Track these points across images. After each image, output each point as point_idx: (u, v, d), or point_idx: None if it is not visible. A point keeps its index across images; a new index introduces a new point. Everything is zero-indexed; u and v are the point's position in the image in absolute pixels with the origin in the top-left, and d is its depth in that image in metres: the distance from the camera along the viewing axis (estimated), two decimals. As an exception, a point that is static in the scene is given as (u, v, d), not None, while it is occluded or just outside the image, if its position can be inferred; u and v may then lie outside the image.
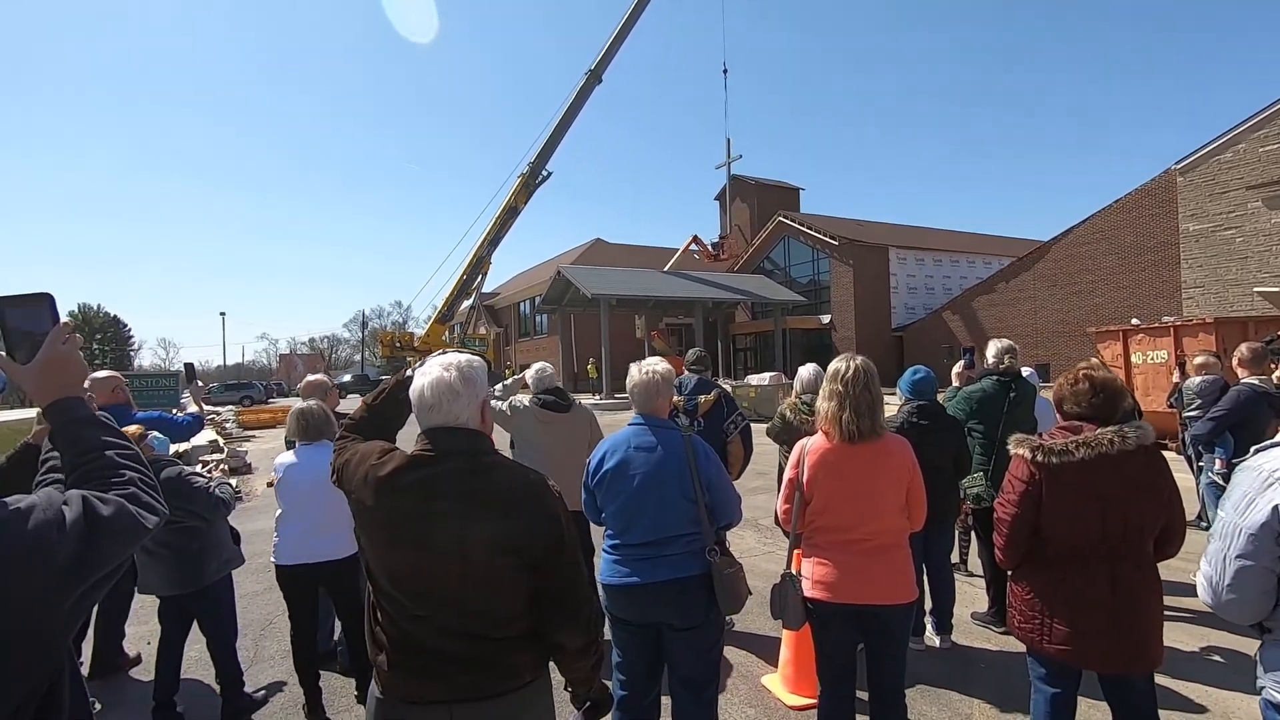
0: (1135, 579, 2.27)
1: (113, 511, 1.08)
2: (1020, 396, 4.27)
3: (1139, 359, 11.54)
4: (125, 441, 1.27)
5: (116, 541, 1.07)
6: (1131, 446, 2.23)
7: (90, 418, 1.26)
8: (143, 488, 1.19)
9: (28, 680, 0.98)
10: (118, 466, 1.20)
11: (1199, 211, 17.54)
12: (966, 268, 32.18)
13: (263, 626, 4.70)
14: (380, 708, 1.66)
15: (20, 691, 0.97)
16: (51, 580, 0.97)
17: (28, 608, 0.96)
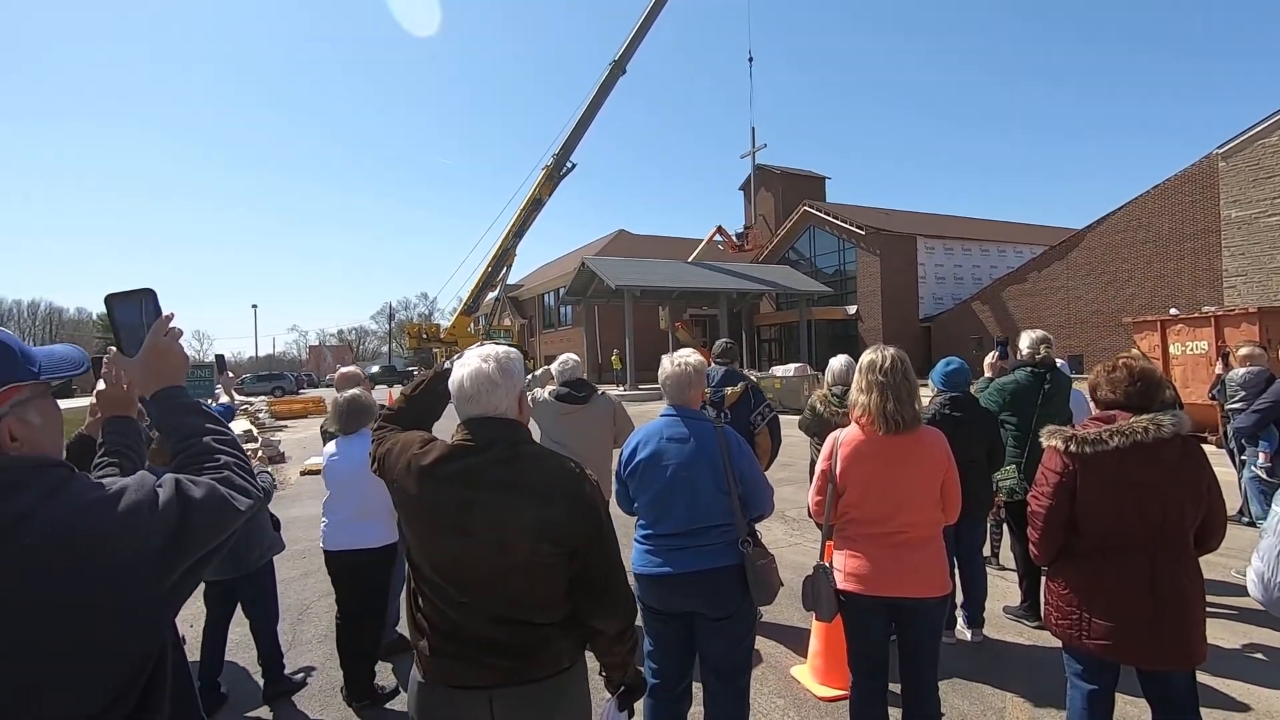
0: (1176, 571, 2.23)
1: (204, 494, 1.09)
2: (1055, 388, 4.20)
3: (1178, 350, 11.25)
4: (223, 428, 1.30)
5: (209, 523, 1.08)
6: (1167, 434, 2.20)
7: (191, 405, 1.31)
8: (237, 471, 1.21)
9: (127, 662, 0.98)
10: (214, 451, 1.23)
11: (1241, 197, 16.98)
12: (997, 257, 31.57)
13: (300, 611, 4.82)
14: (422, 692, 1.71)
15: (121, 673, 0.98)
16: (146, 561, 0.98)
17: (124, 589, 0.96)
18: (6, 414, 1.00)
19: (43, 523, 0.93)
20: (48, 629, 0.90)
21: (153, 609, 1.01)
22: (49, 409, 1.09)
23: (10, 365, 1.02)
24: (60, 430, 1.15)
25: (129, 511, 0.99)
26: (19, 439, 1.01)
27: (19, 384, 1.02)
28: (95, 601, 0.93)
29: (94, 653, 0.93)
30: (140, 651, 0.99)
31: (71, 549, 0.93)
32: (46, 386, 1.10)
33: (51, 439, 1.10)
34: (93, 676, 0.94)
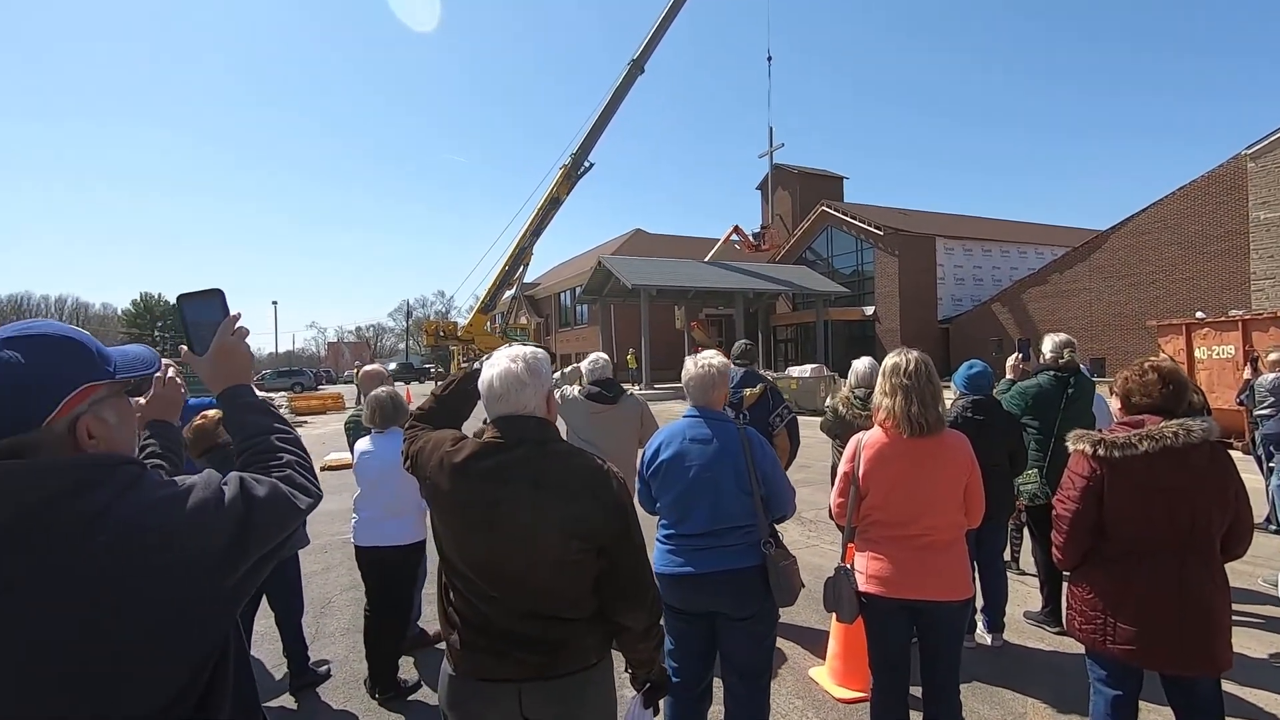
0: (1203, 577, 2.22)
1: (267, 492, 1.11)
2: (1078, 393, 4.17)
3: (1203, 354, 11.08)
4: (286, 426, 1.33)
5: (271, 521, 1.10)
6: (1196, 440, 2.19)
7: (256, 404, 1.33)
8: (299, 470, 1.24)
9: (191, 656, 1.00)
10: (277, 450, 1.26)
11: (1271, 199, 16.65)
12: (1017, 258, 31.20)
13: (322, 605, 4.90)
14: (453, 684, 1.74)
15: (185, 668, 0.99)
16: (212, 558, 1.00)
17: (190, 585, 0.98)
18: (85, 412, 1.02)
19: (116, 520, 0.95)
20: (119, 624, 0.92)
21: (217, 605, 1.02)
22: (123, 408, 1.12)
23: (88, 364, 1.04)
24: (133, 428, 1.17)
25: (196, 509, 1.01)
26: (96, 437, 1.03)
27: (96, 383, 1.04)
28: (163, 598, 0.96)
29: (161, 648, 0.95)
30: (205, 647, 1.01)
31: (142, 546, 0.95)
32: (121, 386, 1.12)
33: (125, 437, 1.12)
34: (159, 671, 0.96)
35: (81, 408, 1.01)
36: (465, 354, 29.56)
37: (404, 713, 3.43)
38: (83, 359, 1.03)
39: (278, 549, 1.13)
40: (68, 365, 1.01)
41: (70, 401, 1.00)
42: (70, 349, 1.03)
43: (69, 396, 0.99)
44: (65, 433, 0.99)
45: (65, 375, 1.00)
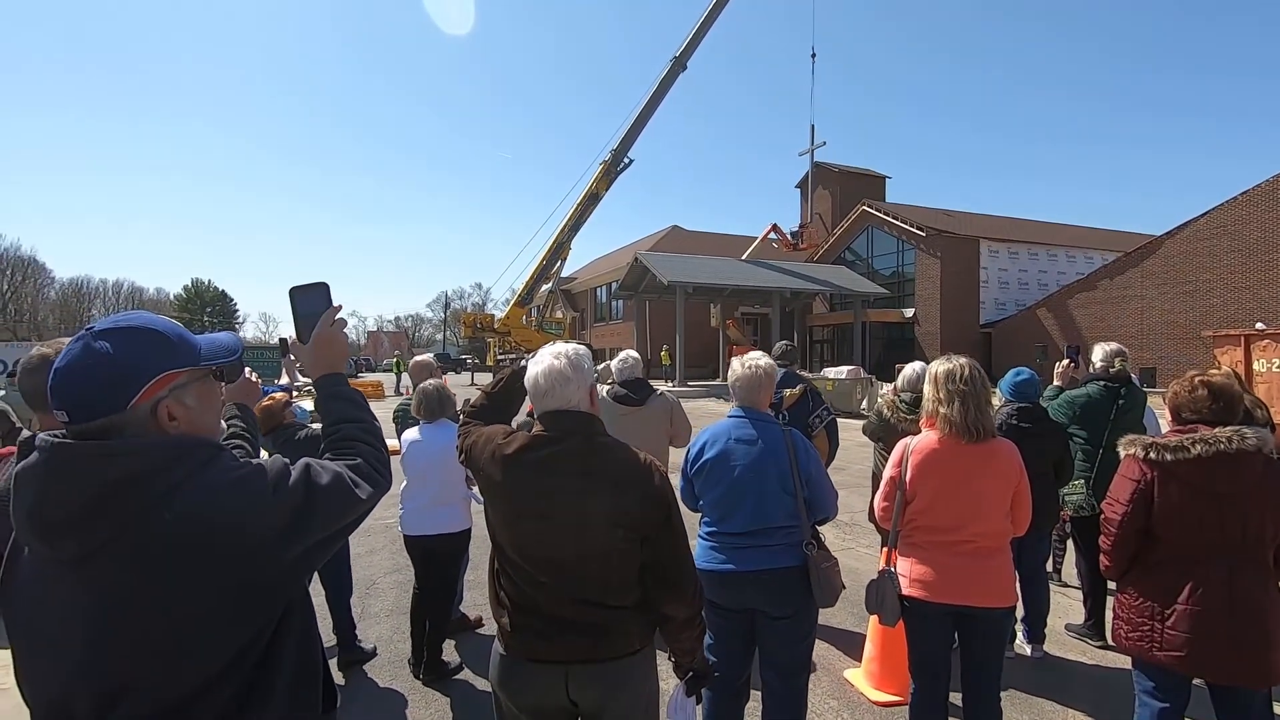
0: (1255, 586, 2.21)
1: (329, 480, 1.18)
2: (1129, 404, 4.08)
3: (1262, 366, 10.65)
4: (368, 417, 1.40)
5: (331, 506, 1.17)
6: (1251, 448, 2.19)
7: (345, 393, 1.42)
8: (370, 460, 1.31)
9: (248, 626, 1.09)
10: (353, 439, 1.34)
11: (1341, 206, 15.92)
12: (1065, 262, 30.35)
13: (367, 586, 5.07)
14: (503, 663, 1.84)
15: (241, 636, 1.08)
16: (268, 536, 1.08)
17: (248, 561, 1.07)
18: (166, 396, 1.12)
19: (185, 498, 1.05)
20: (184, 593, 1.03)
21: (275, 580, 1.12)
22: (206, 392, 1.21)
23: (169, 354, 1.13)
24: (217, 411, 1.27)
25: (259, 492, 1.11)
26: (177, 419, 1.13)
27: (177, 370, 1.14)
28: (224, 571, 1.05)
29: (221, 616, 1.05)
30: (262, 617, 1.12)
31: (208, 523, 1.05)
32: (205, 372, 1.21)
33: (207, 419, 1.22)
34: (219, 636, 1.06)
35: (163, 393, 1.11)
36: (502, 346, 29.95)
37: (447, 692, 3.55)
38: (163, 349, 1.13)
39: (341, 532, 1.22)
40: (150, 354, 1.11)
41: (152, 387, 1.10)
42: (154, 339, 1.13)
43: (150, 383, 1.09)
44: (148, 415, 1.10)
45: (148, 364, 1.10)
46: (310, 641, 1.24)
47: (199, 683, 1.05)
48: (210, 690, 1.05)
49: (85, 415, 1.06)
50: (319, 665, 1.27)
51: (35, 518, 1.02)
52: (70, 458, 1.02)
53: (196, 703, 1.05)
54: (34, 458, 1.04)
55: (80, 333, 1.12)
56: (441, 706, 3.43)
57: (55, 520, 1.02)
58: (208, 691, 1.05)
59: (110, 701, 1.02)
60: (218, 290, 78.84)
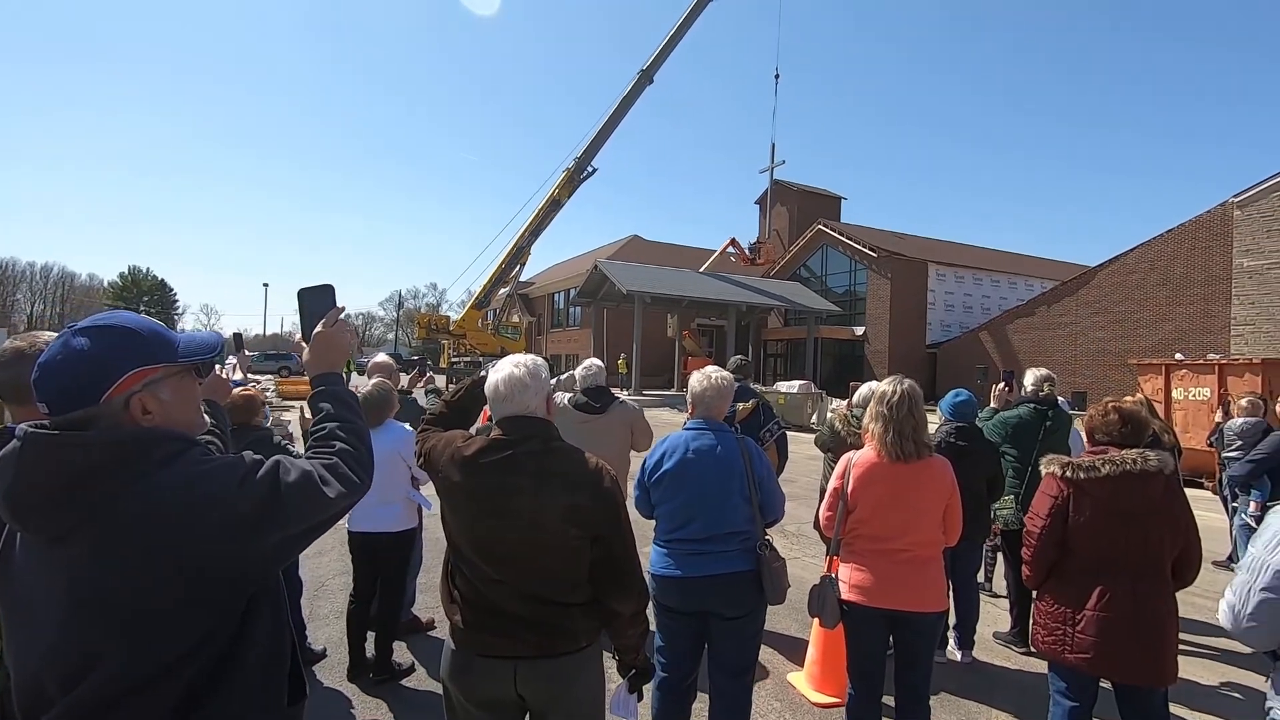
0: (1154, 596, 2.44)
1: (297, 477, 1.20)
2: (1056, 425, 4.37)
3: (1180, 395, 11.40)
4: (354, 417, 1.41)
5: (297, 503, 1.19)
6: (1153, 469, 2.42)
7: (334, 393, 1.44)
8: (346, 460, 1.31)
9: (210, 614, 1.13)
10: (333, 438, 1.35)
11: (1255, 247, 17.11)
12: (1007, 288, 31.72)
13: (315, 588, 5.01)
14: (454, 658, 1.92)
15: (203, 623, 1.12)
16: (231, 529, 1.11)
17: (208, 550, 1.10)
18: (139, 391, 1.17)
19: (150, 489, 1.10)
20: (147, 579, 1.08)
21: (239, 571, 1.16)
22: (182, 387, 1.26)
23: (142, 351, 1.19)
24: (194, 406, 1.31)
25: (226, 485, 1.15)
26: (151, 412, 1.18)
27: (151, 367, 1.19)
28: (186, 561, 1.10)
29: (184, 603, 1.11)
30: (226, 606, 1.16)
31: (170, 514, 1.10)
32: (182, 369, 1.25)
33: (183, 414, 1.26)
34: (183, 621, 1.11)
35: (136, 387, 1.17)
36: (457, 348, 29.60)
37: (395, 695, 3.55)
38: (137, 346, 1.18)
39: (312, 529, 1.23)
40: (124, 351, 1.17)
41: (125, 382, 1.16)
42: (128, 337, 1.19)
43: (123, 378, 1.15)
44: (121, 408, 1.15)
45: (121, 360, 1.16)
46: (280, 632, 1.28)
47: (161, 664, 1.09)
48: (173, 672, 1.10)
49: (63, 407, 1.12)
50: (287, 656, 1.30)
51: (9, 501, 1.08)
52: (44, 446, 1.08)
53: (159, 683, 1.10)
54: (12, 445, 1.10)
55: (63, 330, 1.19)
56: (390, 707, 3.44)
57: (28, 504, 1.08)
58: (170, 673, 1.10)
59: (75, 677, 1.08)
60: (156, 279, 75.58)
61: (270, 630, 1.24)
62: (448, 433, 2.04)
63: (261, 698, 1.22)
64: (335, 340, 1.50)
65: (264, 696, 1.23)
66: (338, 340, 1.50)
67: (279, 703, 1.27)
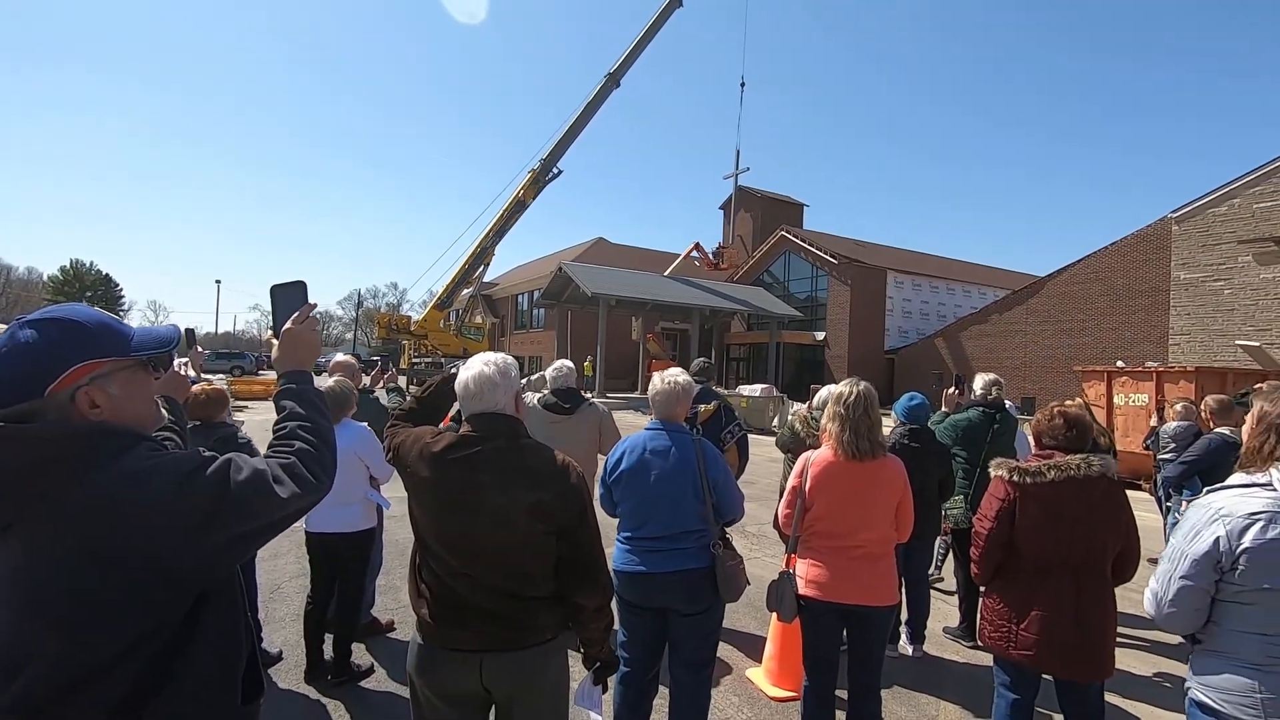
0: (1095, 594, 2.56)
1: (247, 476, 1.17)
2: (1003, 428, 4.56)
3: (1121, 400, 11.91)
4: (317, 417, 1.37)
5: (244, 504, 1.16)
6: (1095, 473, 2.54)
7: (300, 391, 1.41)
8: (305, 460, 1.27)
9: (151, 613, 1.12)
10: (292, 437, 1.32)
11: (1191, 261, 18.01)
12: (962, 296, 32.66)
13: (271, 590, 4.91)
14: (420, 652, 1.94)
15: (143, 623, 1.11)
16: (174, 526, 1.10)
17: (149, 548, 1.09)
18: (85, 385, 1.15)
19: (95, 484, 1.09)
20: (88, 573, 1.08)
21: (183, 570, 1.14)
22: (133, 381, 1.23)
23: (88, 344, 1.17)
24: (146, 401, 1.29)
25: (171, 482, 1.12)
26: (100, 406, 1.17)
27: (98, 360, 1.17)
28: (128, 557, 1.09)
29: (126, 599, 1.10)
30: (168, 605, 1.15)
31: (113, 509, 1.09)
32: (134, 362, 1.23)
33: (134, 409, 1.24)
34: (124, 618, 1.10)
35: (82, 381, 1.15)
36: (418, 349, 29.17)
37: (354, 696, 3.52)
38: (84, 339, 1.17)
39: (263, 529, 1.20)
40: (70, 344, 1.16)
41: (70, 375, 1.14)
42: (74, 330, 1.17)
43: (68, 371, 1.14)
44: (67, 402, 1.14)
45: (66, 353, 1.15)
46: (234, 630, 1.26)
47: (100, 662, 1.08)
48: (113, 671, 1.09)
49: (6, 400, 1.11)
50: (243, 655, 1.29)
51: None
52: None
53: (97, 682, 1.09)
54: None
55: (11, 323, 1.18)
56: (348, 708, 3.41)
57: None
58: (110, 672, 1.09)
59: (12, 672, 1.06)
60: (100, 274, 72.56)
61: (223, 629, 1.23)
62: (417, 428, 2.06)
63: (213, 696, 1.21)
64: (303, 338, 1.48)
65: (217, 694, 1.22)
66: (306, 338, 1.49)
67: (232, 701, 1.26)
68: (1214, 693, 1.75)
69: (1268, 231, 16.38)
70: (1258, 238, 16.54)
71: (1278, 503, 1.65)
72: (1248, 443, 1.82)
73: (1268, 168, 16.45)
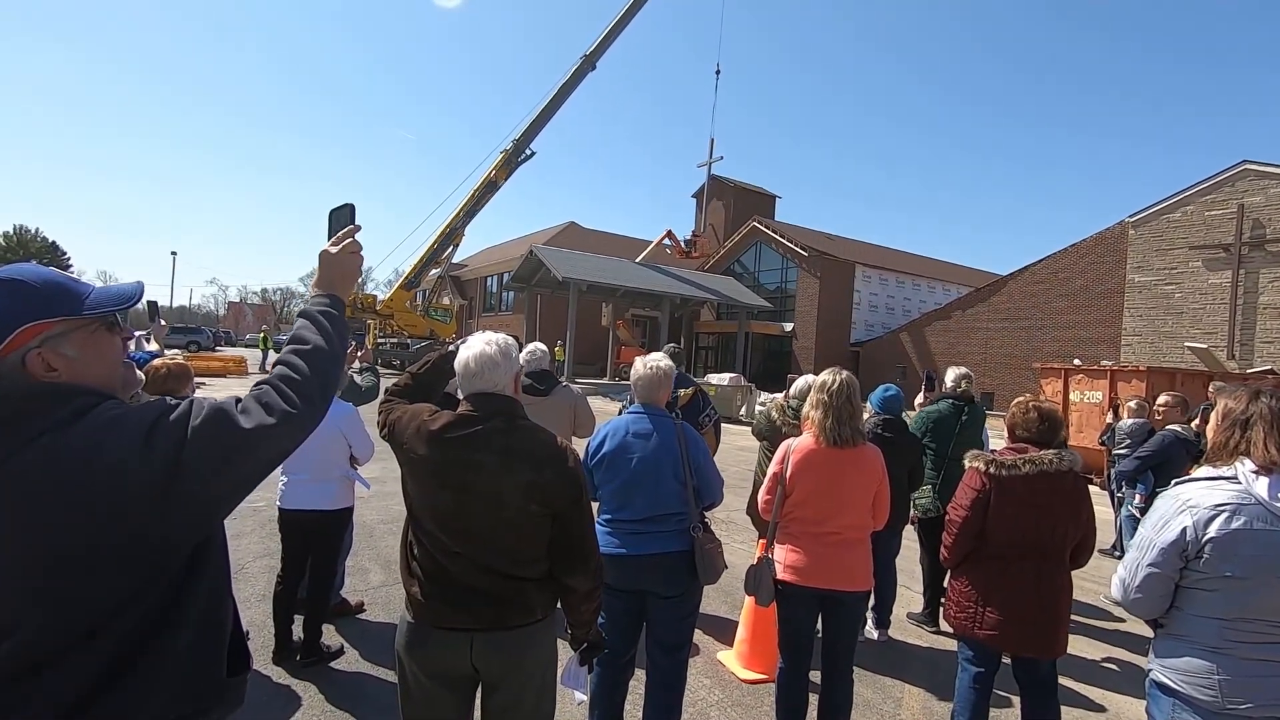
0: (1055, 578, 2.70)
1: (205, 415, 1.11)
2: (971, 419, 4.68)
3: (1076, 397, 12.30)
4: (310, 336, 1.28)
5: (206, 444, 1.09)
6: (1065, 468, 2.66)
7: (310, 312, 1.33)
8: (281, 383, 1.18)
9: (129, 573, 1.08)
10: (279, 363, 1.24)
11: (1144, 264, 18.67)
12: (927, 292, 33.31)
13: (237, 570, 4.80)
14: (411, 630, 1.93)
15: (122, 585, 1.07)
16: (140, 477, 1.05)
17: (117, 502, 1.04)
18: (35, 347, 1.10)
19: (51, 444, 1.05)
20: (55, 535, 1.03)
21: (156, 524, 1.08)
22: (90, 341, 1.17)
23: (35, 305, 1.11)
24: (110, 361, 1.22)
25: (133, 433, 1.07)
26: (57, 369, 1.11)
27: (46, 321, 1.11)
28: (97, 514, 1.04)
29: (98, 561, 1.06)
30: (146, 564, 1.10)
31: (78, 466, 1.04)
32: (89, 322, 1.17)
33: (97, 369, 1.18)
34: (98, 580, 1.06)
35: (31, 343, 1.10)
36: (383, 329, 28.65)
37: (324, 678, 3.48)
38: (29, 300, 1.11)
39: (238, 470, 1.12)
40: (13, 306, 1.10)
41: (17, 338, 1.09)
42: (18, 290, 1.11)
43: (14, 334, 1.09)
44: (19, 365, 1.09)
45: (9, 316, 1.09)
46: (218, 600, 1.23)
47: (82, 630, 1.05)
48: (96, 637, 1.06)
49: None
50: (226, 626, 1.26)
51: None
52: None
53: (81, 649, 1.06)
54: None
55: None
56: (320, 689, 3.37)
57: None
58: (93, 638, 1.06)
59: None
60: (46, 240, 69.49)
61: (208, 597, 1.19)
62: (413, 405, 2.03)
63: (198, 666, 1.18)
64: (336, 259, 1.43)
65: (202, 665, 1.19)
66: (340, 259, 1.43)
67: (217, 673, 1.22)
68: (1174, 674, 1.84)
69: (1217, 239, 17.07)
70: (1208, 244, 17.22)
71: (1242, 495, 1.73)
72: (1214, 438, 1.91)
73: (1219, 177, 17.11)
